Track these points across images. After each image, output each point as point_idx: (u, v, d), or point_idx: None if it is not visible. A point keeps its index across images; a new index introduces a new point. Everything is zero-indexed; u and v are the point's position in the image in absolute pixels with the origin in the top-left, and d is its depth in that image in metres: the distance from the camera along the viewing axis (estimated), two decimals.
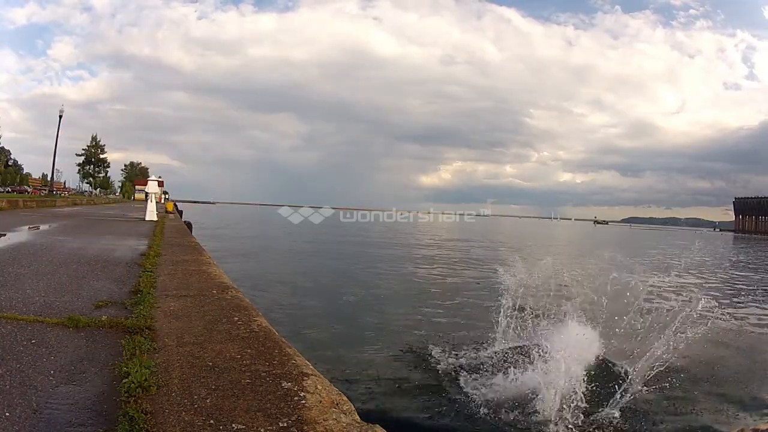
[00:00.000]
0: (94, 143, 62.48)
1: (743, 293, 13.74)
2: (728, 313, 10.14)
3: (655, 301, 11.19)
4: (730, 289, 14.47)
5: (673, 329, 8.27)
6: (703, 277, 17.23)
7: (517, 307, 9.30)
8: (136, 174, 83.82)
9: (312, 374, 1.87)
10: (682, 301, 11.54)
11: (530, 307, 9.18)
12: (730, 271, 20.98)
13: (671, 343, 7.30)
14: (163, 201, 36.65)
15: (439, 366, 5.78)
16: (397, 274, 14.16)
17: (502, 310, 8.98)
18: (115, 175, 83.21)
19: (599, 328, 8.02)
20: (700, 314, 9.36)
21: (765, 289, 14.60)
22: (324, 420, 1.49)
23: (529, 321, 8.30)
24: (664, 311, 9.65)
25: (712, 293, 13.15)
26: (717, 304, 11.02)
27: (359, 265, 15.76)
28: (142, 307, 2.82)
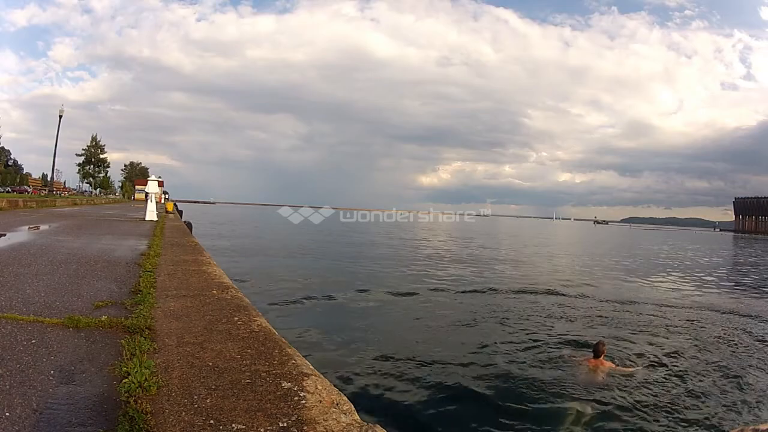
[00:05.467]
0: (94, 143, 62.47)
1: (746, 292, 13.74)
2: (731, 311, 10.14)
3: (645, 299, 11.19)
4: (734, 290, 14.47)
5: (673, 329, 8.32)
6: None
7: (520, 311, 9.29)
8: (136, 174, 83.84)
9: (312, 374, 1.87)
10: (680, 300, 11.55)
11: (538, 313, 9.19)
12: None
13: (671, 341, 7.34)
14: (163, 201, 36.62)
15: (438, 366, 5.79)
16: (397, 274, 14.17)
17: (498, 312, 8.99)
18: (115, 175, 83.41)
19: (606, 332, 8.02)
20: (701, 313, 9.38)
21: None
22: (324, 420, 1.49)
23: (530, 322, 8.31)
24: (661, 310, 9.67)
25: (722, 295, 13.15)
26: (719, 304, 11.05)
27: (359, 266, 15.77)
28: (142, 307, 2.82)
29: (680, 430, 4.33)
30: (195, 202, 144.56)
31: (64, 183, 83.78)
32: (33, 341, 2.22)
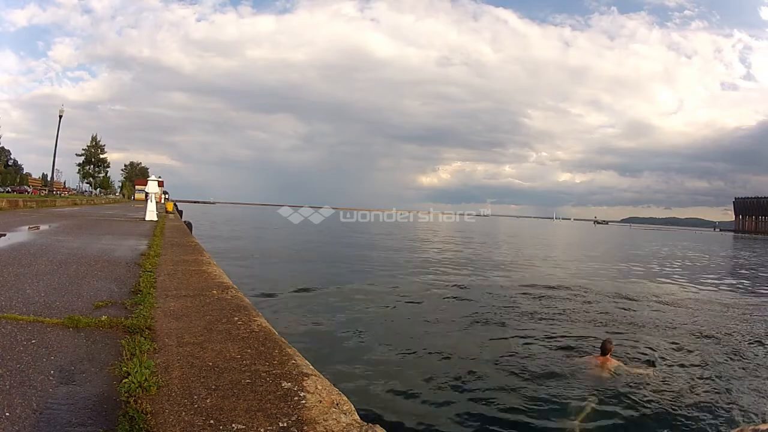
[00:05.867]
0: (94, 143, 62.49)
1: (749, 292, 13.73)
2: (733, 311, 10.15)
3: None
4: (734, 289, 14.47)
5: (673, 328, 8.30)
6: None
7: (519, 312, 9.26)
8: (136, 174, 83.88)
9: (312, 374, 1.87)
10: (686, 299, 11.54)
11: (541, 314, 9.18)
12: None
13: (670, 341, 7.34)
14: (163, 201, 36.63)
15: (441, 365, 5.78)
16: (398, 274, 14.16)
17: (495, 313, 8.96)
18: (115, 175, 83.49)
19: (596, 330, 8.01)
20: (702, 312, 9.36)
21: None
22: (324, 420, 1.49)
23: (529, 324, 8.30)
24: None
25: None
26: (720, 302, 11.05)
27: (360, 266, 15.76)
28: (142, 307, 2.81)
29: (683, 428, 4.35)
30: (195, 202, 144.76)
31: (64, 183, 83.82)
32: (33, 341, 2.22)
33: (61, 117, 32.00)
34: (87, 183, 66.68)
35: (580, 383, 5.20)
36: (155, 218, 13.83)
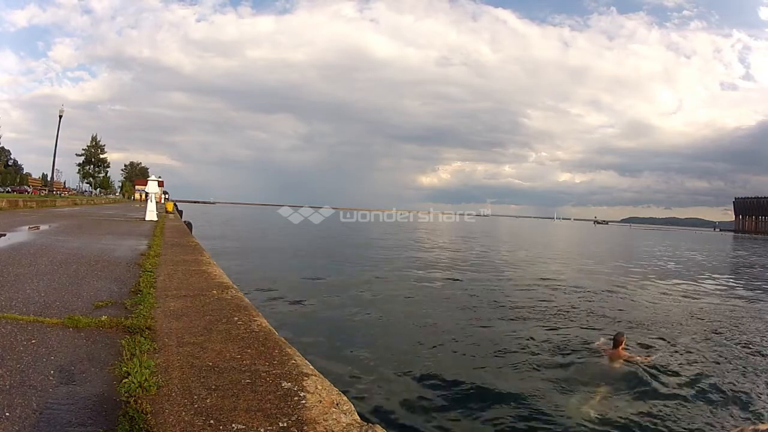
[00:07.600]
0: (94, 143, 62.49)
1: (752, 291, 13.72)
2: (736, 310, 10.15)
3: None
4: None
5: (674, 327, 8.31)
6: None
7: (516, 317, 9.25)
8: (136, 174, 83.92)
9: (312, 374, 1.87)
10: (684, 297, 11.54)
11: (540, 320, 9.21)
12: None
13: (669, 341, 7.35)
14: (163, 201, 36.66)
15: (441, 364, 5.78)
16: (398, 274, 14.15)
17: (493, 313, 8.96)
18: (115, 175, 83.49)
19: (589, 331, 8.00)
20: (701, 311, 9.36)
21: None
22: (324, 420, 1.49)
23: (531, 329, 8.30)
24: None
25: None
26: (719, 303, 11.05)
27: (360, 266, 15.75)
28: (142, 307, 2.81)
29: (686, 423, 4.37)
30: (195, 202, 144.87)
31: (64, 183, 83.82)
32: (33, 341, 2.22)
33: (61, 117, 31.98)
34: (87, 183, 66.69)
35: (591, 375, 5.36)
36: (155, 218, 13.83)
